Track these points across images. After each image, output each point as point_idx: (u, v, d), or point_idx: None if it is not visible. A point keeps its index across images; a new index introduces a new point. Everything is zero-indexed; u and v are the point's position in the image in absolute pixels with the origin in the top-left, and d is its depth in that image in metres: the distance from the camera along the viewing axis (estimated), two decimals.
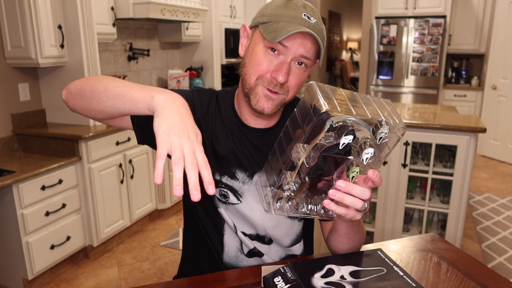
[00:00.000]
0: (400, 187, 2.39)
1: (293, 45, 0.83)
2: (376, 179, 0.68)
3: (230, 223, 1.01)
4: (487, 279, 0.88)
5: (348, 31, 11.67)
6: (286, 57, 0.84)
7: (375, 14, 5.16)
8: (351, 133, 0.61)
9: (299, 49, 0.84)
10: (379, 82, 5.26)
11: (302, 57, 0.85)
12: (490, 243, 2.76)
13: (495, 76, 4.66)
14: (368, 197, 0.70)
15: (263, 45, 0.86)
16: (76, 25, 2.45)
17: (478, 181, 4.00)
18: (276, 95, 0.87)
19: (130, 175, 2.78)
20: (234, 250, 1.03)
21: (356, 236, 0.91)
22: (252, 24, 0.92)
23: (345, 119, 0.59)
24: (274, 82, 0.85)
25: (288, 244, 1.05)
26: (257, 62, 0.86)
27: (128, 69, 3.47)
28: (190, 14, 3.34)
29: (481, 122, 2.27)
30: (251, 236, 1.01)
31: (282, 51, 0.84)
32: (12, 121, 2.56)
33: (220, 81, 4.23)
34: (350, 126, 0.60)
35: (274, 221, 1.00)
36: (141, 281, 2.37)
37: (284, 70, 0.84)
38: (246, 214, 0.99)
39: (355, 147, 0.64)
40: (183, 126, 0.67)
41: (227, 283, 0.89)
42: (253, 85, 0.88)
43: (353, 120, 0.59)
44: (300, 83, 0.89)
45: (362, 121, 0.60)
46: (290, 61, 0.85)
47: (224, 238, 1.02)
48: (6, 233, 2.16)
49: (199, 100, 0.99)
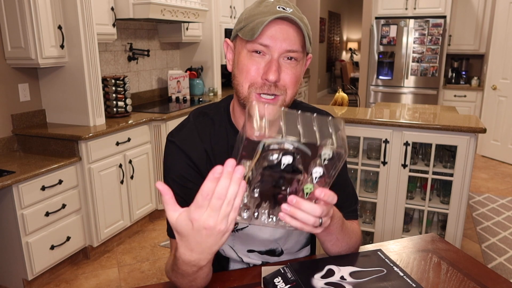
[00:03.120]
0: (400, 187, 2.39)
1: (275, 41, 0.79)
2: (325, 198, 0.65)
3: (234, 256, 1.01)
4: (487, 279, 0.88)
5: (348, 32, 11.67)
6: (272, 55, 0.81)
7: (375, 15, 5.17)
8: (290, 154, 0.61)
9: (282, 44, 0.80)
10: (379, 83, 5.27)
11: (289, 52, 0.81)
12: (490, 244, 2.75)
13: (495, 77, 4.66)
14: (319, 214, 0.66)
15: (246, 50, 0.82)
16: (76, 26, 2.45)
17: (478, 181, 4.00)
18: (274, 100, 0.83)
19: (130, 176, 2.78)
20: (240, 265, 1.04)
21: (340, 243, 0.89)
22: (232, 36, 0.89)
23: (277, 141, 0.58)
24: (267, 84, 0.81)
25: (297, 250, 1.05)
26: (245, 69, 0.83)
27: (128, 69, 3.47)
28: (190, 14, 3.34)
29: (481, 123, 2.27)
30: (260, 252, 1.01)
31: (266, 51, 0.81)
32: (12, 122, 2.56)
33: (220, 81, 4.23)
34: (289, 147, 0.60)
35: (285, 234, 1.00)
36: (141, 281, 2.37)
37: (273, 68, 0.80)
38: (256, 234, 0.98)
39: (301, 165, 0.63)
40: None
41: (227, 283, 0.89)
42: (247, 94, 0.84)
43: (287, 141, 0.59)
44: (296, 79, 0.84)
45: (299, 143, 0.59)
46: (278, 58, 0.81)
47: (229, 266, 1.04)
48: (6, 234, 2.16)
49: (189, 146, 0.92)
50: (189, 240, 0.63)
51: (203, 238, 0.61)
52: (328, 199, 0.66)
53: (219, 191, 0.58)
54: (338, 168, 0.63)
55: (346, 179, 1.01)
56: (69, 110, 2.64)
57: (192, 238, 0.62)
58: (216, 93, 4.13)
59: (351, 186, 1.02)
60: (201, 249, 0.63)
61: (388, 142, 2.36)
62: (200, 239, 0.62)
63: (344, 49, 11.67)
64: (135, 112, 3.12)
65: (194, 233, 0.61)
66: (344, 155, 0.62)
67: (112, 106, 2.87)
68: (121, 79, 2.87)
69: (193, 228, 0.61)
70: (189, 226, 0.61)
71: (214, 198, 0.58)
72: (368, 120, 2.38)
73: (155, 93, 3.84)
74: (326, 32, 9.82)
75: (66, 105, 2.64)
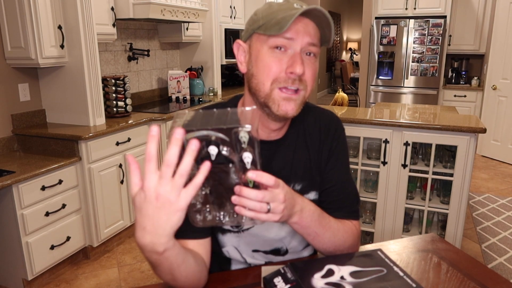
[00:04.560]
0: (400, 187, 2.39)
1: (298, 34, 0.81)
2: (257, 178, 0.65)
3: (237, 257, 1.00)
4: (487, 279, 0.88)
5: (348, 32, 11.67)
6: (295, 49, 0.81)
7: (375, 15, 5.17)
8: (213, 144, 0.62)
9: (304, 37, 0.81)
10: (379, 83, 5.27)
11: (310, 45, 0.82)
12: (490, 244, 2.75)
13: (495, 77, 4.66)
14: (260, 198, 0.67)
15: (268, 46, 0.82)
16: (76, 26, 2.45)
17: (478, 181, 4.00)
18: (296, 94, 0.83)
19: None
20: (242, 267, 1.03)
21: (321, 238, 0.88)
22: (245, 36, 0.89)
23: (194, 134, 0.60)
24: (292, 77, 0.81)
25: (301, 249, 1.05)
26: (267, 66, 0.82)
27: (128, 69, 3.48)
28: (190, 14, 3.34)
29: (481, 123, 2.27)
30: (265, 251, 1.01)
31: (288, 45, 0.81)
32: (12, 122, 2.56)
33: (220, 81, 4.24)
34: (209, 138, 0.61)
35: (290, 232, 0.99)
36: (141, 281, 2.37)
37: (299, 61, 0.80)
38: (261, 234, 0.98)
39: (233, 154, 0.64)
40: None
41: (227, 283, 0.89)
42: (269, 91, 0.83)
43: (201, 132, 0.61)
44: (315, 75, 0.86)
45: (212, 131, 0.61)
46: (300, 52, 0.82)
47: (231, 268, 1.03)
48: (6, 233, 2.16)
49: None
50: (142, 214, 0.61)
51: (154, 211, 0.60)
52: (262, 179, 0.66)
53: (168, 158, 0.57)
54: (259, 148, 0.64)
55: (347, 179, 1.01)
56: (69, 110, 2.64)
57: (144, 211, 0.61)
58: (216, 93, 4.13)
59: (353, 186, 1.02)
60: (153, 226, 0.62)
61: (388, 142, 2.36)
62: (151, 211, 0.60)
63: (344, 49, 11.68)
64: (135, 112, 3.12)
65: (146, 204, 0.60)
66: (255, 134, 0.62)
67: (112, 106, 2.87)
68: (121, 79, 2.87)
69: (145, 199, 0.60)
70: (142, 197, 0.60)
71: (164, 165, 0.57)
72: (368, 120, 2.38)
73: (155, 93, 3.84)
74: None
75: (66, 105, 2.64)
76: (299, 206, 0.79)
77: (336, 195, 0.98)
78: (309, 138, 0.99)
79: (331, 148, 0.99)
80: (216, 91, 4.13)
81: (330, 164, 0.99)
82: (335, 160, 0.99)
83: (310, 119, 1.00)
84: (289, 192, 0.75)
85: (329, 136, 1.00)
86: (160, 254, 0.67)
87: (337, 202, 0.98)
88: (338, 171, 0.99)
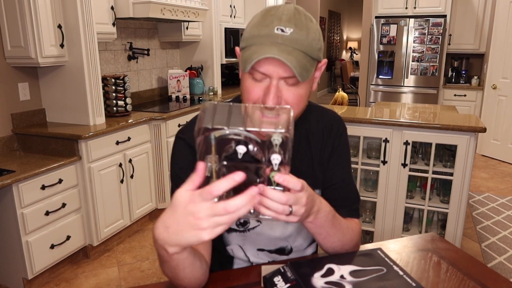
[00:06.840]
0: (400, 186, 2.39)
1: (268, 70, 0.78)
2: (284, 183, 0.65)
3: (241, 256, 1.00)
4: (487, 278, 0.88)
5: (348, 31, 11.66)
6: (271, 79, 0.78)
7: (375, 14, 5.16)
8: (242, 143, 0.62)
9: (276, 71, 0.77)
10: (379, 82, 5.26)
11: (285, 78, 0.78)
12: (490, 243, 2.76)
13: (495, 76, 4.65)
14: (284, 201, 0.66)
15: (248, 73, 0.81)
16: (76, 25, 2.45)
17: (478, 180, 4.00)
18: (276, 118, 0.83)
19: (130, 175, 2.78)
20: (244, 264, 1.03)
21: (332, 238, 0.88)
22: (240, 46, 0.87)
23: (224, 133, 0.61)
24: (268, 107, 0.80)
25: (306, 246, 1.05)
26: (247, 89, 0.82)
27: (128, 68, 3.47)
28: (190, 13, 3.33)
29: (481, 122, 2.27)
30: (270, 250, 1.01)
31: (263, 77, 0.79)
32: (12, 121, 2.56)
33: (220, 80, 4.23)
34: (239, 138, 0.62)
35: (295, 231, 1.00)
36: (141, 280, 2.37)
37: (271, 93, 0.78)
38: (266, 233, 0.98)
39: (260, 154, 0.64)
40: None
41: (227, 282, 0.89)
42: (251, 112, 0.83)
43: (232, 132, 0.61)
44: (299, 98, 0.82)
45: (244, 132, 0.61)
46: (277, 82, 0.78)
47: (233, 266, 1.03)
48: (6, 233, 2.16)
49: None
50: (174, 214, 0.62)
51: (184, 222, 0.61)
52: (288, 184, 0.66)
53: (232, 205, 0.58)
54: (290, 151, 0.64)
55: (348, 178, 1.01)
56: (69, 109, 2.64)
57: (177, 214, 0.61)
58: (216, 92, 4.13)
59: (353, 185, 1.02)
60: (175, 232, 0.63)
61: (388, 141, 2.36)
62: (182, 220, 0.61)
63: (344, 49, 11.67)
64: (135, 111, 3.12)
65: (182, 211, 0.61)
66: (290, 137, 0.62)
67: (112, 105, 2.87)
68: (121, 78, 2.87)
69: (185, 208, 0.60)
70: (185, 203, 0.60)
71: (221, 207, 0.58)
72: (368, 120, 2.38)
73: (155, 92, 3.84)
74: (326, 31, 9.82)
75: (66, 104, 2.64)
76: (317, 207, 0.79)
77: (338, 193, 0.99)
78: (312, 137, 0.99)
79: (334, 147, 1.00)
80: (216, 90, 4.12)
81: (332, 162, 0.99)
82: (337, 158, 1.00)
83: (313, 118, 1.01)
84: (311, 195, 0.74)
85: (332, 135, 1.00)
86: (168, 254, 0.68)
87: (339, 200, 0.98)
88: (340, 170, 1.00)
